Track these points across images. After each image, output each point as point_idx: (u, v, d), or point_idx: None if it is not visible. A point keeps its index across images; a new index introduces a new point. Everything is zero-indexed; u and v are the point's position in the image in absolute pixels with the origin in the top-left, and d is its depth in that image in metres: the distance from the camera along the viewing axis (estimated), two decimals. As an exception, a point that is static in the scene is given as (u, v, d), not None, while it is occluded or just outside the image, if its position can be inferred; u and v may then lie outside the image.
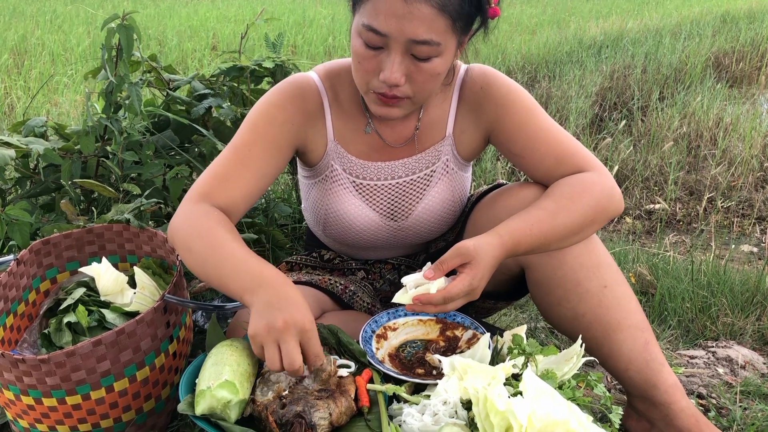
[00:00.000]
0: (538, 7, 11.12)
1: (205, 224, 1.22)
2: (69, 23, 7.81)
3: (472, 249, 1.18)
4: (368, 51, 1.21)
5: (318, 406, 1.05)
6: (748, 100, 5.42)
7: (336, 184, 1.45)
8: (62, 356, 1.12)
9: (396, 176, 1.46)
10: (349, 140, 1.44)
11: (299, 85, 1.39)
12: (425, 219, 1.49)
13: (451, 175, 1.48)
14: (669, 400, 1.28)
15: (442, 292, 1.16)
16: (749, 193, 3.42)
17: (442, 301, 1.16)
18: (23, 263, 1.39)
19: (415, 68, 1.21)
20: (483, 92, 1.40)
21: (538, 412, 0.96)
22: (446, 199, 1.49)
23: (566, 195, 1.29)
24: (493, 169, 3.52)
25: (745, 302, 2.07)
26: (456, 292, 1.16)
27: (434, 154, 1.46)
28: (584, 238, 1.31)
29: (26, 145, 1.79)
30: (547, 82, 5.37)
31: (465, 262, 1.19)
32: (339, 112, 1.42)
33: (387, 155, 1.45)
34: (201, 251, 1.19)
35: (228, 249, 1.18)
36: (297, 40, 7.36)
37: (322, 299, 1.50)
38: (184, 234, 1.23)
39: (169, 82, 2.15)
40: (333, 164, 1.44)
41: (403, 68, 1.20)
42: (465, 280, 1.17)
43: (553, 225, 1.25)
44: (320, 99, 1.40)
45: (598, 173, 1.32)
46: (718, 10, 10.36)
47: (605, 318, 1.30)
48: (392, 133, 1.44)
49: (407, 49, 1.18)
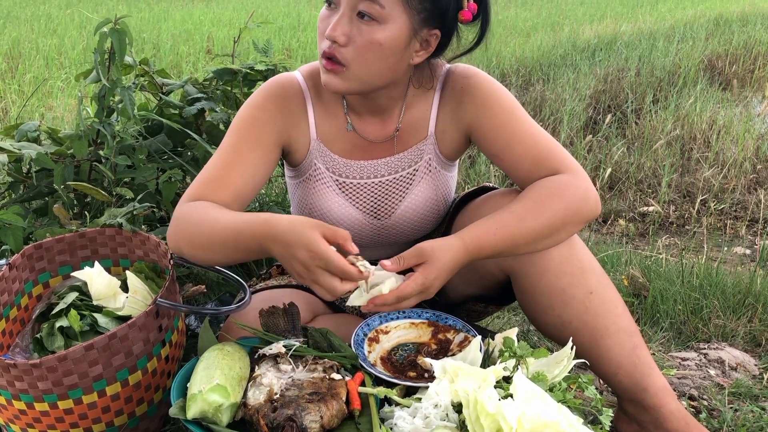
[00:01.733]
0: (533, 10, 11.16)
1: (195, 215, 1.27)
2: (63, 27, 7.81)
3: (428, 249, 1.21)
4: (326, 11, 1.28)
5: (309, 410, 1.05)
6: (740, 102, 5.44)
7: (319, 182, 1.46)
8: (54, 361, 1.12)
9: (378, 174, 1.46)
10: (332, 139, 1.44)
11: (281, 84, 1.41)
12: (408, 217, 1.50)
13: (434, 173, 1.48)
14: (659, 403, 1.29)
15: (395, 291, 1.18)
16: (742, 196, 3.44)
17: (395, 300, 1.18)
18: (16, 268, 1.39)
19: (357, 31, 1.24)
20: (463, 92, 1.40)
21: (529, 415, 0.96)
22: (429, 198, 1.49)
23: (535, 198, 1.28)
24: (487, 172, 3.53)
25: (737, 304, 2.08)
26: (408, 291, 1.18)
27: (417, 153, 1.46)
28: (559, 241, 1.30)
29: (19, 150, 1.79)
30: (541, 85, 5.39)
31: (420, 262, 1.21)
32: (322, 111, 1.43)
33: (369, 154, 1.46)
34: (202, 236, 1.24)
35: (222, 220, 1.23)
36: (292, 43, 7.36)
37: (313, 302, 1.50)
38: (182, 233, 1.27)
39: (162, 86, 2.16)
40: (316, 163, 1.45)
41: (345, 27, 1.24)
42: (418, 279, 1.19)
43: (519, 228, 1.25)
44: (303, 98, 1.42)
45: (574, 175, 1.30)
46: (711, 13, 10.40)
47: (592, 324, 1.30)
48: (371, 130, 1.44)
49: (353, 8, 1.23)
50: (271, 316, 1.31)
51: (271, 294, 1.45)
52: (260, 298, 1.43)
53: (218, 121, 2.09)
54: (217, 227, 1.23)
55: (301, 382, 1.13)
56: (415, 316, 1.38)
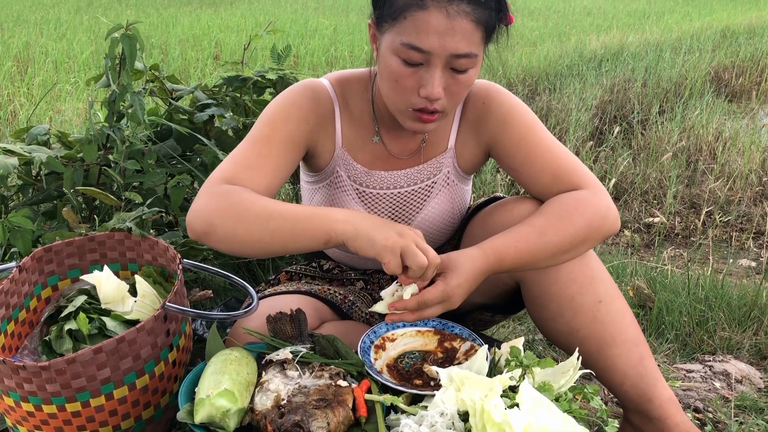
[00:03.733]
0: (540, 20, 11.18)
1: (248, 195, 1.24)
2: (72, 31, 7.86)
3: (450, 260, 1.23)
4: (407, 69, 1.22)
5: (316, 416, 1.06)
6: (747, 114, 5.44)
7: (339, 190, 1.47)
8: (63, 363, 1.12)
9: (398, 186, 1.48)
10: (357, 148, 1.45)
11: (313, 88, 1.41)
12: (424, 229, 1.51)
13: (451, 187, 1.49)
14: (664, 415, 1.29)
15: (416, 297, 1.19)
16: (748, 208, 3.44)
17: (416, 306, 1.19)
18: (25, 270, 1.39)
19: (453, 80, 1.23)
20: (485, 108, 1.42)
21: (534, 424, 0.97)
22: (446, 210, 1.51)
23: (557, 213, 1.30)
24: (492, 181, 3.54)
25: (743, 317, 2.08)
26: (430, 298, 1.19)
27: (436, 165, 1.47)
28: (576, 255, 1.31)
29: (29, 153, 1.80)
30: (547, 95, 5.39)
31: (442, 272, 1.22)
32: (348, 120, 1.44)
33: (391, 165, 1.47)
34: (258, 214, 1.21)
35: (288, 205, 1.23)
36: (299, 51, 7.39)
37: (321, 309, 1.51)
38: (227, 208, 1.23)
39: (172, 91, 2.17)
40: (338, 170, 1.46)
41: (443, 82, 1.23)
42: (439, 287, 1.20)
43: (540, 243, 1.27)
44: (332, 104, 1.42)
45: (593, 192, 1.33)
46: (719, 25, 10.41)
47: (600, 333, 1.31)
48: (398, 144, 1.46)
49: (447, 64, 1.21)
50: (278, 322, 1.31)
51: (278, 300, 1.46)
52: (268, 303, 1.43)
53: (227, 127, 2.10)
54: (276, 209, 1.22)
55: (308, 389, 1.13)
56: (422, 324, 1.38)
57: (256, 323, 1.35)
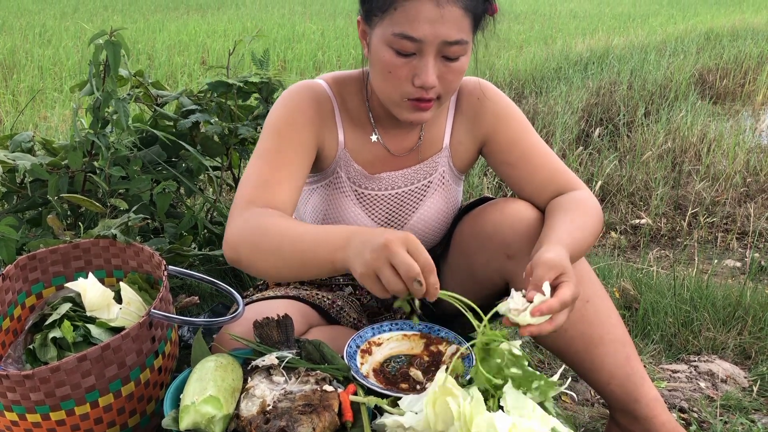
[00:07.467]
0: (526, 23, 11.24)
1: (264, 221, 1.22)
2: (58, 37, 7.81)
3: (559, 260, 1.12)
4: (400, 59, 1.23)
5: (301, 421, 1.06)
6: (731, 116, 5.50)
7: (338, 191, 1.47)
8: (47, 372, 1.12)
9: (395, 186, 1.49)
10: (357, 149, 1.46)
11: (312, 89, 1.41)
12: (419, 228, 1.52)
13: (446, 186, 1.51)
14: (650, 414, 1.30)
15: (557, 297, 1.07)
16: (732, 208, 3.46)
17: (560, 307, 1.07)
18: (9, 278, 1.39)
19: (446, 68, 1.25)
20: (480, 103, 1.44)
21: (520, 427, 0.97)
22: (440, 210, 1.52)
23: (582, 211, 1.32)
24: (480, 184, 3.55)
25: (727, 317, 2.10)
26: (569, 297, 1.08)
27: (432, 165, 1.49)
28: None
29: (13, 160, 1.79)
30: (533, 98, 5.42)
31: (560, 273, 1.11)
32: (348, 120, 1.44)
33: (389, 165, 1.48)
34: (271, 243, 1.18)
35: (299, 229, 1.18)
36: (287, 55, 7.39)
37: (309, 314, 1.50)
38: (248, 237, 1.21)
39: (157, 97, 2.17)
40: (339, 171, 1.46)
41: (436, 70, 1.24)
42: (570, 287, 1.09)
43: (582, 238, 1.27)
44: (332, 104, 1.42)
45: (589, 193, 1.38)
46: (702, 27, 10.50)
47: (587, 333, 1.32)
48: (395, 142, 1.47)
49: (439, 51, 1.22)
50: (264, 327, 1.31)
51: (265, 305, 1.46)
52: (255, 309, 1.43)
53: (212, 133, 2.10)
54: (287, 237, 1.17)
55: (294, 394, 1.13)
56: (408, 328, 1.39)
57: (243, 329, 1.35)
